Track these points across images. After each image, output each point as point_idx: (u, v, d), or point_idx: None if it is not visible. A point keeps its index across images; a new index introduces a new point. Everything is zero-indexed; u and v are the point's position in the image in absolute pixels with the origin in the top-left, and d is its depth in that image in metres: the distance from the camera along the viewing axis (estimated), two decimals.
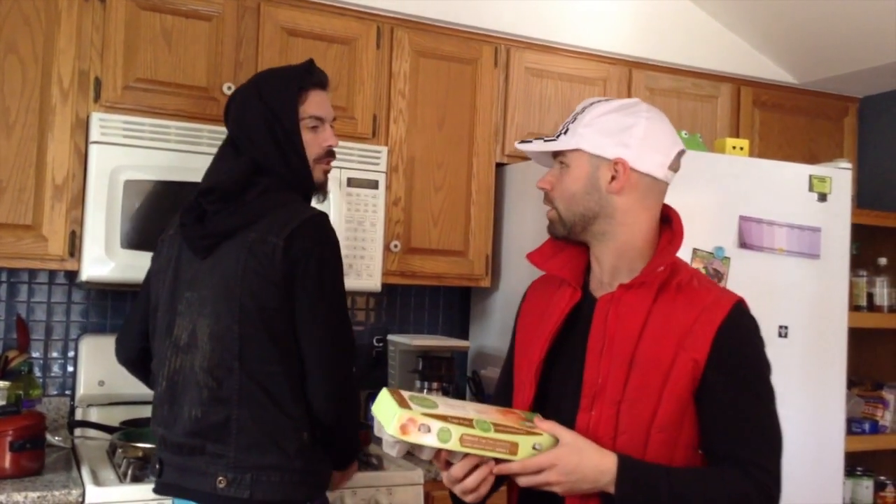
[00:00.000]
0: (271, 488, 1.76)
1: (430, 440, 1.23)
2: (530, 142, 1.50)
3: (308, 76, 1.95)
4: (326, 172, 1.98)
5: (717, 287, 1.47)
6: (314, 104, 1.94)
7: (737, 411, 1.35)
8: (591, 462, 1.28)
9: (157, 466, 1.89)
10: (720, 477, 1.34)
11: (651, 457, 1.33)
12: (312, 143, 1.92)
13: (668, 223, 1.47)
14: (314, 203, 1.95)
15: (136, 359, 2.06)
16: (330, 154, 1.97)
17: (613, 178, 1.40)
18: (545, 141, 1.46)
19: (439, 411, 1.25)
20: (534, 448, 1.28)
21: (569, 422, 1.36)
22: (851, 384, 3.19)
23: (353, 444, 2.00)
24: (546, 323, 1.48)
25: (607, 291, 1.43)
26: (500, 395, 1.62)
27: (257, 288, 1.76)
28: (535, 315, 1.54)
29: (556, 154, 1.46)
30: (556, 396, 1.44)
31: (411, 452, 1.28)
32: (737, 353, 1.37)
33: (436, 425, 1.23)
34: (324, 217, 1.83)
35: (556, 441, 1.30)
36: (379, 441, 1.35)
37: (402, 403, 1.26)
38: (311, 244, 1.78)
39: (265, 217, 1.80)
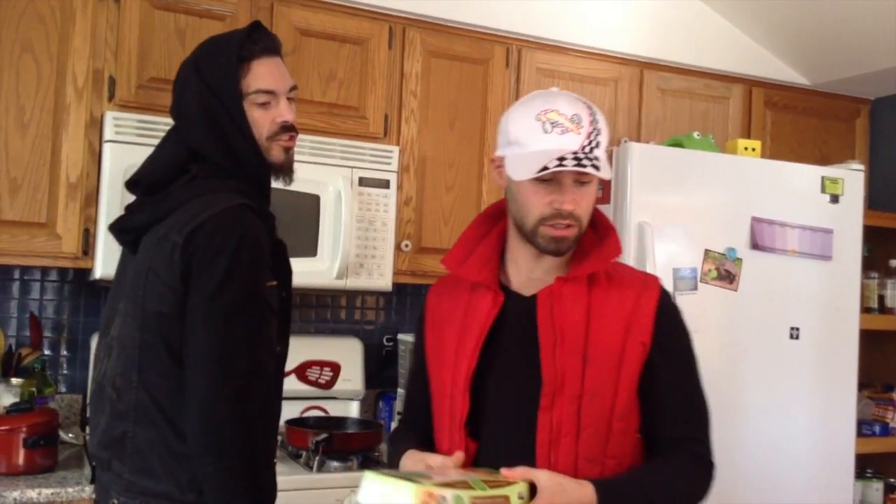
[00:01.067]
0: None
1: None
2: (583, 165, 1.32)
3: (250, 44, 1.63)
4: (288, 150, 1.69)
5: (635, 269, 1.57)
6: (260, 76, 1.62)
7: (680, 392, 1.42)
8: (575, 496, 1.27)
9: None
10: (675, 467, 1.39)
11: (612, 447, 1.36)
12: (262, 121, 1.63)
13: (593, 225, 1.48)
14: (280, 185, 1.72)
15: None
16: (287, 129, 1.66)
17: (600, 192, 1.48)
18: (599, 170, 1.33)
19: (439, 481, 1.25)
20: (519, 497, 1.27)
21: (517, 426, 1.35)
22: (862, 386, 3.18)
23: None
24: (469, 330, 1.41)
25: (540, 288, 1.40)
26: (413, 418, 1.55)
27: (156, 290, 1.54)
28: (449, 324, 1.46)
29: (582, 172, 1.36)
30: (495, 405, 1.39)
31: None
32: (675, 332, 1.44)
33: (449, 493, 1.22)
34: (237, 210, 1.54)
35: (531, 485, 1.27)
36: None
37: (403, 480, 1.24)
38: (214, 242, 1.50)
39: (177, 210, 1.56)
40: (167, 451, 1.53)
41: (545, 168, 1.31)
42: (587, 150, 1.34)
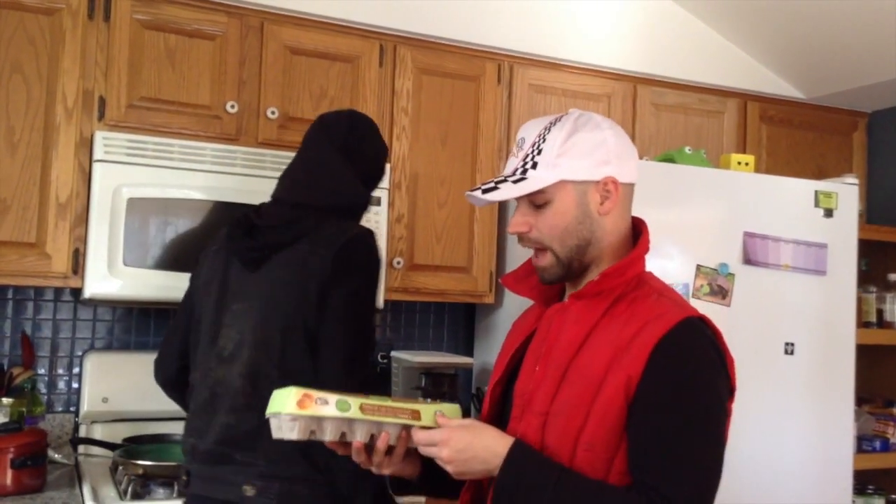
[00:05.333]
0: (299, 501, 1.75)
1: (331, 411, 1.23)
2: (494, 187, 1.31)
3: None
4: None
5: (676, 303, 1.32)
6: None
7: (655, 433, 1.21)
8: (484, 442, 1.24)
9: (185, 478, 1.89)
10: (615, 495, 1.22)
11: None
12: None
13: (636, 232, 1.40)
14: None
15: (175, 379, 2.04)
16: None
17: (604, 199, 1.32)
18: (514, 183, 1.31)
19: (340, 392, 1.27)
20: (436, 414, 1.29)
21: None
22: (862, 402, 3.15)
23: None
24: (513, 343, 1.44)
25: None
26: None
27: (302, 299, 1.79)
28: (508, 338, 1.50)
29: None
30: (509, 413, 1.38)
31: (313, 436, 1.26)
32: (671, 370, 1.23)
33: (333, 398, 1.24)
34: (372, 235, 1.88)
35: (460, 410, 1.31)
36: None
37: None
38: (355, 257, 1.82)
39: (315, 231, 1.84)
40: None
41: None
42: (518, 171, 1.32)
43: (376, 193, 2.59)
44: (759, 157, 3.26)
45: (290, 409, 1.22)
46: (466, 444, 1.24)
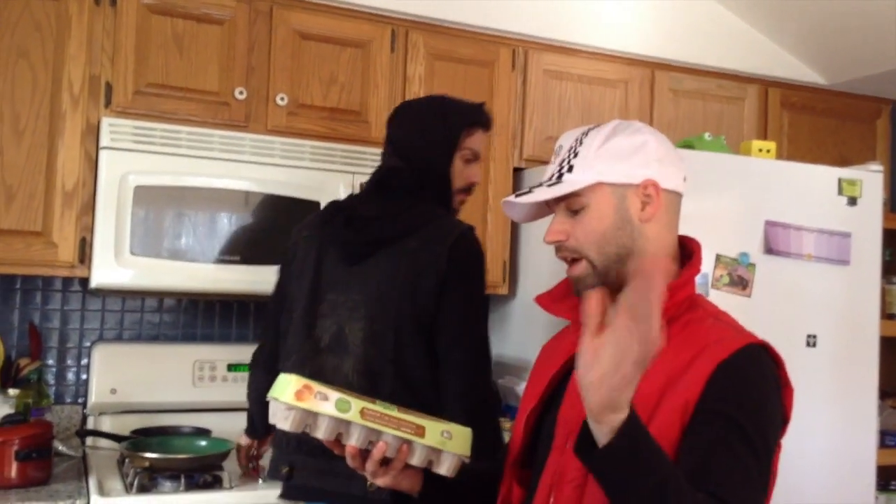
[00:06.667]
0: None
1: (328, 408, 1.15)
2: (528, 191, 1.28)
3: (480, 114, 2.05)
4: (461, 203, 2.05)
5: (735, 328, 1.24)
6: (477, 140, 2.02)
7: (712, 446, 1.11)
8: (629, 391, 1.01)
9: (287, 470, 1.87)
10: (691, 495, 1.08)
11: None
12: (460, 174, 1.99)
13: (687, 252, 1.32)
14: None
15: (271, 365, 2.03)
16: (469, 190, 2.04)
17: (645, 204, 1.25)
18: (549, 186, 1.26)
19: (346, 392, 1.19)
20: (443, 435, 1.20)
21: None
22: (885, 395, 3.08)
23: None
24: (549, 369, 1.35)
25: None
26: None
27: (416, 295, 1.81)
28: (541, 362, 1.41)
29: (562, 198, 1.27)
30: (545, 441, 1.29)
31: (308, 430, 1.18)
32: (731, 390, 1.14)
33: (334, 395, 1.16)
34: (474, 230, 1.91)
35: (471, 435, 1.22)
36: None
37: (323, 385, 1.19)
38: (468, 255, 1.85)
39: (424, 227, 1.86)
40: None
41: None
42: (554, 176, 1.27)
43: None
44: (780, 144, 3.18)
45: (286, 399, 1.15)
46: (617, 363, 0.99)
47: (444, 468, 1.23)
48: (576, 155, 1.26)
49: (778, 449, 1.21)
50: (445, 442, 1.21)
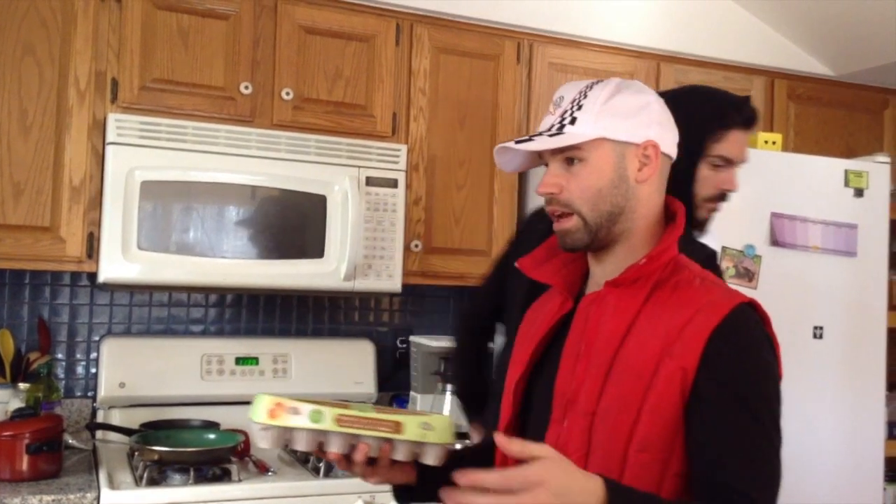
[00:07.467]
0: None
1: (302, 421, 1.16)
2: (529, 139, 1.26)
3: (736, 113, 1.75)
4: (712, 211, 1.80)
5: (722, 288, 1.25)
6: (730, 144, 1.74)
7: (725, 432, 1.12)
8: (580, 482, 1.02)
9: None
10: None
11: (628, 482, 1.13)
12: (708, 181, 1.74)
13: (670, 215, 1.31)
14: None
15: (477, 333, 2.09)
16: (722, 197, 1.78)
17: (643, 164, 1.24)
18: (550, 136, 1.24)
19: (318, 401, 1.20)
20: (422, 427, 1.20)
21: (538, 439, 1.20)
22: (893, 386, 3.07)
23: None
24: (532, 336, 1.33)
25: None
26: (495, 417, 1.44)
27: None
28: (525, 327, 1.39)
29: (559, 150, 1.25)
30: (538, 412, 1.28)
31: (289, 445, 1.20)
32: (733, 362, 1.14)
33: (306, 408, 1.17)
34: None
35: (451, 422, 1.17)
36: None
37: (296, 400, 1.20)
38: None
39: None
40: None
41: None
42: (555, 127, 1.25)
43: (391, 175, 2.59)
44: (786, 135, 3.17)
45: (260, 419, 1.17)
46: (565, 485, 1.00)
47: (431, 459, 1.24)
48: (579, 108, 1.24)
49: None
50: (426, 434, 1.21)
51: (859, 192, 2.58)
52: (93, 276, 2.59)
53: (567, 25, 2.89)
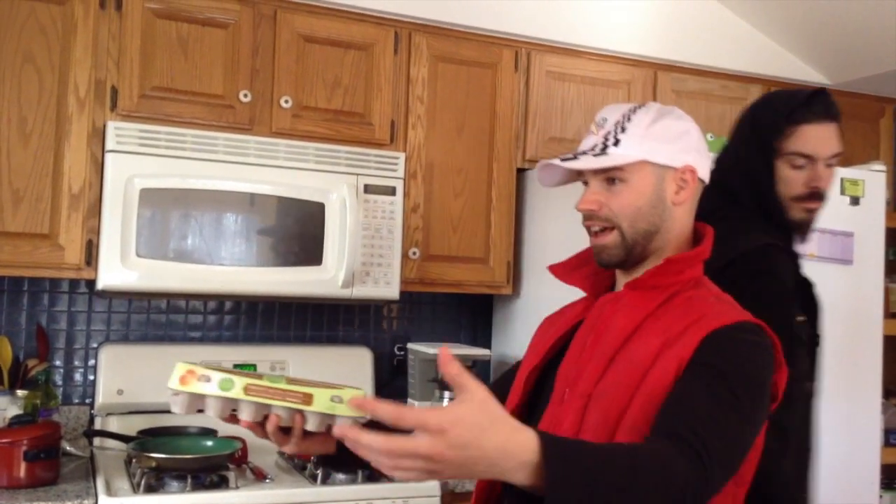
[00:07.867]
0: None
1: (211, 389, 1.19)
2: (574, 157, 1.32)
3: (804, 108, 1.72)
4: (810, 212, 1.75)
5: (734, 308, 1.28)
6: (804, 140, 1.71)
7: (696, 394, 1.13)
8: (497, 439, 0.93)
9: None
10: (646, 449, 1.07)
11: None
12: (793, 181, 1.71)
13: (698, 237, 1.37)
14: (795, 241, 1.78)
15: None
16: (815, 195, 1.73)
17: (680, 188, 1.31)
18: (595, 156, 1.30)
19: (234, 371, 1.23)
20: (332, 400, 1.20)
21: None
22: (889, 394, 3.08)
23: None
24: (553, 332, 1.41)
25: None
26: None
27: None
28: (543, 329, 1.47)
29: (601, 170, 1.31)
30: (544, 400, 1.32)
31: (203, 411, 1.22)
32: (724, 350, 1.17)
33: (217, 376, 1.20)
34: (763, 250, 1.64)
35: (363, 395, 1.10)
36: None
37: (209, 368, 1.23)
38: (741, 279, 1.55)
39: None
40: None
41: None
42: (597, 148, 1.31)
43: (390, 183, 2.60)
44: None
45: (172, 385, 1.21)
46: (472, 437, 0.91)
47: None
48: (623, 130, 1.31)
49: (763, 425, 1.22)
50: (335, 406, 1.21)
51: (855, 201, 2.59)
52: (91, 283, 2.60)
53: (565, 34, 2.91)
